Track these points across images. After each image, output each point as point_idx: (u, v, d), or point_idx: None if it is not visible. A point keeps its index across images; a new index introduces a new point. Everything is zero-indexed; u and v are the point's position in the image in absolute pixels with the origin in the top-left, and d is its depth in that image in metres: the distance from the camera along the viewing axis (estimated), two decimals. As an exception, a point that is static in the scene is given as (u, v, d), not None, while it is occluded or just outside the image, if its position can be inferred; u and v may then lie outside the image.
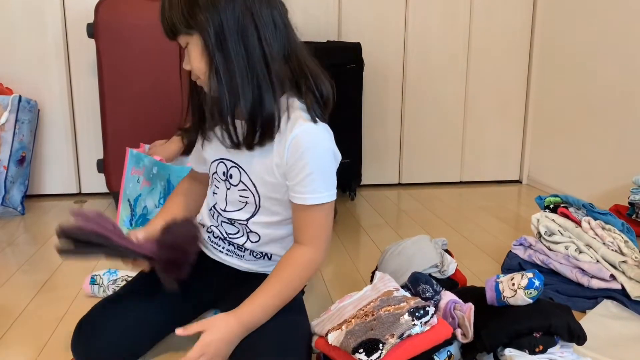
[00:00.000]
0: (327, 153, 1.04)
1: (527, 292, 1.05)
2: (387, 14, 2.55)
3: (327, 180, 1.04)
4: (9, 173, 2.16)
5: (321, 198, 1.03)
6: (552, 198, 1.69)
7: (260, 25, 0.99)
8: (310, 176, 1.02)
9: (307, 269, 1.07)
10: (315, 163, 1.02)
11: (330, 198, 1.05)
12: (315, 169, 1.02)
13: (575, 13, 2.42)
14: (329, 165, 1.05)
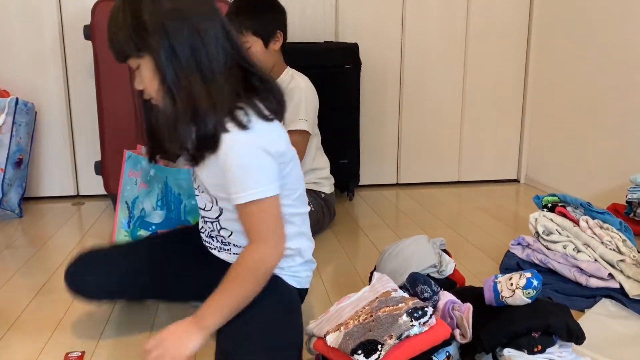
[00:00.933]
0: (250, 151, 1.03)
1: (526, 291, 1.05)
2: (384, 13, 2.55)
3: (256, 176, 1.04)
4: (6, 176, 2.16)
5: (252, 195, 1.03)
6: (550, 197, 1.69)
7: (206, 42, 1.02)
8: (237, 175, 1.03)
9: (257, 267, 1.06)
10: (238, 162, 1.03)
11: (263, 194, 1.03)
12: (239, 168, 1.03)
13: (572, 11, 2.43)
14: (256, 162, 1.04)
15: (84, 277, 1.24)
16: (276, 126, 1.11)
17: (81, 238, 1.98)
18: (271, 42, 1.85)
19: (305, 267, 1.22)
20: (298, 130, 1.85)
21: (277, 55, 1.90)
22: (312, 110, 1.90)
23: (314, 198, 1.95)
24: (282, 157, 1.08)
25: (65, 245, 1.89)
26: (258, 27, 1.81)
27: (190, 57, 1.00)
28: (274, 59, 1.89)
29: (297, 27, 2.47)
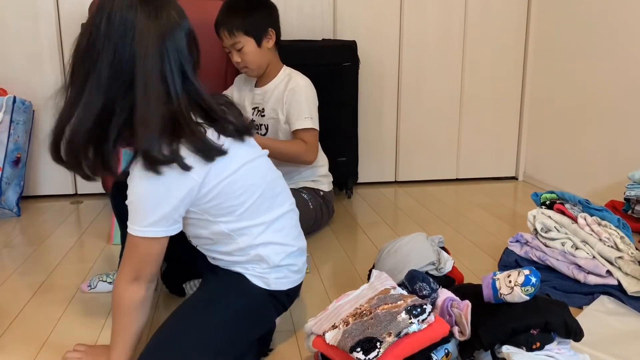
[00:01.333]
0: (142, 188, 1.00)
1: (524, 289, 1.05)
2: (382, 11, 2.55)
3: (139, 212, 1.01)
4: (4, 174, 2.15)
5: (130, 229, 1.02)
6: (548, 194, 1.69)
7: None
8: (130, 206, 1.03)
9: (117, 302, 1.07)
10: (133, 195, 1.01)
11: (136, 232, 1.02)
12: (132, 199, 1.02)
13: (569, 10, 2.43)
14: (145, 200, 1.01)
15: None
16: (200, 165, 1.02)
17: (79, 237, 1.97)
18: (264, 41, 1.84)
19: (275, 270, 1.16)
20: (306, 129, 1.85)
21: (272, 53, 1.90)
22: (314, 108, 1.90)
23: (313, 196, 1.95)
24: (190, 196, 1.03)
25: (63, 244, 1.89)
26: (248, 26, 1.81)
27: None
28: (268, 57, 1.88)
29: (295, 25, 2.46)
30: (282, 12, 2.43)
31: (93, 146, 1.01)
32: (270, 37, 1.86)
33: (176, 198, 1.01)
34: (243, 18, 1.80)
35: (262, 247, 1.14)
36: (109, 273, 1.53)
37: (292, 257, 1.19)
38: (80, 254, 1.82)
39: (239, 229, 1.12)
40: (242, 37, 1.80)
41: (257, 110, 1.95)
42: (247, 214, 1.11)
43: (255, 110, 1.95)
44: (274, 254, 1.15)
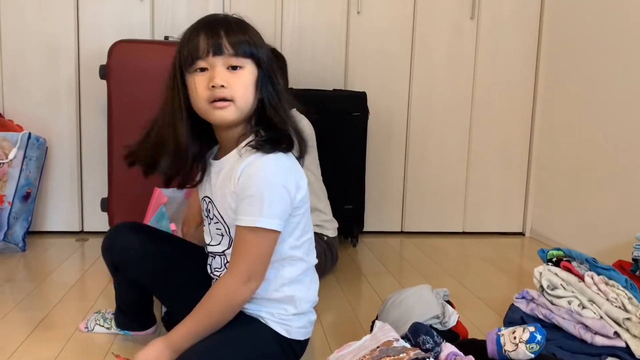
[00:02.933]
0: (273, 182, 1.06)
1: (529, 346, 1.03)
2: (392, 64, 2.61)
3: (265, 206, 1.05)
4: (12, 209, 2.17)
5: (253, 221, 1.05)
6: (555, 251, 1.68)
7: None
8: (250, 199, 1.06)
9: (223, 300, 1.09)
10: (258, 188, 1.05)
11: (264, 224, 1.05)
12: (256, 192, 1.05)
13: (578, 63, 2.47)
14: (272, 194, 1.06)
15: (128, 235, 1.29)
16: (296, 163, 1.13)
17: (82, 274, 1.97)
18: None
19: (298, 318, 1.18)
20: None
21: None
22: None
23: (316, 241, 1.93)
24: (299, 192, 1.10)
25: (66, 281, 1.88)
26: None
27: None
28: None
29: (307, 74, 2.52)
30: (296, 62, 2.52)
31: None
32: None
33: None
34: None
35: (300, 287, 1.17)
36: (105, 316, 1.50)
37: (312, 311, 1.23)
38: (82, 292, 1.81)
39: (294, 257, 1.15)
40: None
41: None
42: (304, 247, 1.17)
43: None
44: (304, 301, 1.17)
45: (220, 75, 1.07)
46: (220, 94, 1.07)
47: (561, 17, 2.60)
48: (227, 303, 1.09)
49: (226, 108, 1.08)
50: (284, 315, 1.16)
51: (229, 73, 1.07)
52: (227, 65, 1.08)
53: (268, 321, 1.16)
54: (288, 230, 1.12)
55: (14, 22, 2.34)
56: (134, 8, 2.40)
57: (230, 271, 1.09)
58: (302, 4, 2.52)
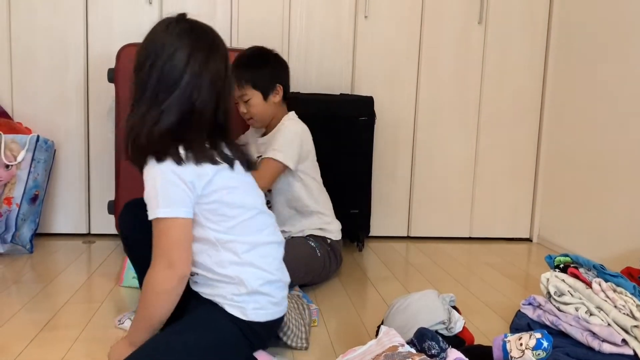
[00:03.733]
0: (163, 173, 1.13)
1: (535, 352, 1.02)
2: (399, 69, 2.61)
3: (160, 198, 1.12)
4: (20, 211, 2.18)
5: (155, 213, 1.12)
6: (562, 258, 1.67)
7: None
8: (146, 194, 1.14)
9: (151, 289, 1.15)
10: (150, 181, 1.13)
11: (163, 214, 1.11)
12: (149, 186, 1.13)
13: (586, 69, 2.46)
14: (163, 184, 1.12)
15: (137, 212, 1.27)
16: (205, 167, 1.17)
17: (89, 276, 1.98)
18: (270, 95, 1.91)
19: (252, 298, 1.20)
20: (267, 158, 1.87)
21: (278, 107, 1.95)
22: (288, 145, 1.89)
23: (320, 244, 1.94)
24: (201, 181, 1.14)
25: (73, 283, 1.89)
26: (257, 80, 1.88)
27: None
28: (273, 111, 1.94)
29: (314, 79, 2.53)
30: (303, 67, 2.52)
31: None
32: (277, 92, 1.92)
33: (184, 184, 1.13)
34: (252, 72, 1.87)
35: (243, 267, 1.19)
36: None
37: (272, 286, 1.23)
38: (89, 294, 1.81)
39: (225, 241, 1.18)
40: (250, 90, 1.88)
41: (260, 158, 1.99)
42: (235, 230, 1.19)
43: (259, 158, 1.99)
44: (254, 278, 1.20)
45: None
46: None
47: (569, 23, 2.59)
48: (153, 292, 1.14)
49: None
50: (236, 296, 1.18)
51: None
52: None
53: (224, 305, 1.19)
54: (205, 217, 1.17)
55: (25, 26, 2.36)
56: (142, 11, 2.41)
57: (151, 262, 1.15)
58: (310, 9, 2.53)
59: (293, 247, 1.86)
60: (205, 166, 1.15)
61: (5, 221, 2.16)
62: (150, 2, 2.40)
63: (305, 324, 1.49)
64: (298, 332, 1.45)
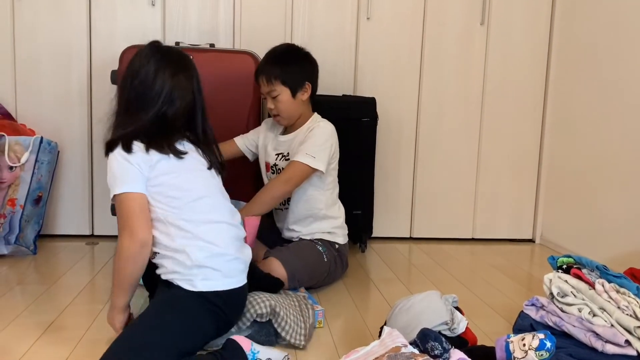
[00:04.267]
0: (115, 159, 1.35)
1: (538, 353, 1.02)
2: (402, 69, 2.61)
3: (117, 179, 1.34)
4: (24, 212, 2.19)
5: (112, 191, 1.35)
6: (565, 258, 1.67)
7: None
8: (108, 180, 1.37)
9: (119, 256, 1.34)
10: (108, 168, 1.36)
11: (118, 190, 1.33)
12: (109, 173, 1.36)
13: (589, 69, 2.46)
14: (117, 167, 1.34)
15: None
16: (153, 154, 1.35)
17: (92, 278, 1.98)
18: (299, 92, 1.91)
19: (200, 271, 1.31)
20: (295, 161, 1.87)
21: (305, 105, 1.96)
22: (320, 149, 1.90)
23: (328, 248, 1.94)
24: (146, 165, 1.33)
25: (76, 284, 1.89)
26: (286, 77, 1.88)
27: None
28: (301, 108, 1.95)
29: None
30: (305, 67, 2.50)
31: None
32: (306, 90, 1.93)
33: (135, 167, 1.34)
34: (282, 68, 1.88)
35: (189, 241, 1.32)
36: None
37: (218, 258, 1.33)
38: (92, 295, 1.82)
39: (172, 219, 1.33)
40: (279, 86, 1.88)
41: (282, 155, 1.99)
42: (182, 210, 1.34)
43: (280, 156, 1.99)
44: (198, 250, 1.32)
45: None
46: None
47: (572, 22, 2.59)
48: (121, 259, 1.33)
49: None
50: (185, 269, 1.31)
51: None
52: None
53: (175, 280, 1.32)
54: (154, 198, 1.34)
55: (28, 28, 2.36)
56: (145, 13, 2.42)
57: (118, 232, 1.34)
58: (312, 10, 2.53)
59: (301, 250, 1.87)
60: (152, 153, 1.33)
61: (9, 222, 2.17)
62: (152, 3, 2.41)
63: (305, 321, 1.49)
64: (297, 327, 1.45)
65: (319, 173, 1.91)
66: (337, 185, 2.06)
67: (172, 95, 1.37)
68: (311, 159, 1.87)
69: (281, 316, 1.43)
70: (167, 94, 1.37)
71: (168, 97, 1.37)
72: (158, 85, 1.36)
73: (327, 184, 1.98)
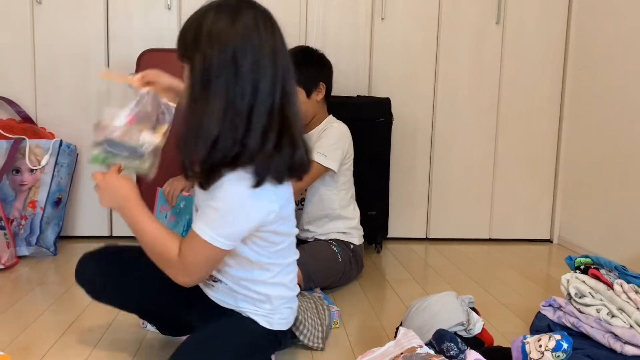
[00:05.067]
0: (239, 200, 1.05)
1: (555, 354, 1.02)
2: (417, 69, 2.61)
3: (219, 223, 1.05)
4: (45, 214, 2.23)
5: (204, 234, 1.06)
6: (583, 259, 1.65)
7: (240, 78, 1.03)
8: (214, 211, 1.06)
9: (161, 264, 1.14)
10: (221, 201, 1.05)
11: (213, 241, 1.05)
12: (220, 207, 1.05)
13: (606, 67, 2.43)
14: (232, 213, 1.06)
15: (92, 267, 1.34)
16: (280, 190, 1.10)
17: (111, 278, 2.01)
18: (313, 93, 1.93)
19: (278, 312, 1.23)
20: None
21: (319, 105, 1.98)
22: (333, 148, 1.92)
23: (342, 249, 1.95)
24: (264, 223, 1.10)
25: (95, 285, 1.92)
26: (300, 77, 1.88)
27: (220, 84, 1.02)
28: (315, 109, 1.96)
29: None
30: (320, 69, 2.51)
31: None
32: (320, 91, 1.95)
33: (256, 218, 1.08)
34: (297, 69, 1.87)
35: (273, 287, 1.20)
36: None
37: (292, 302, 1.27)
38: (111, 296, 1.84)
39: (264, 263, 1.17)
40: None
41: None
42: (276, 254, 1.18)
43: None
44: (279, 299, 1.21)
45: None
46: None
47: (589, 21, 2.56)
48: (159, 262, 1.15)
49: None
50: (262, 309, 1.21)
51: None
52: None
53: (249, 314, 1.20)
54: (253, 241, 1.14)
55: (48, 33, 2.40)
56: (161, 17, 2.45)
57: (180, 256, 1.10)
58: (326, 11, 2.54)
59: (316, 250, 1.88)
60: (280, 191, 1.09)
61: (30, 224, 2.21)
62: (169, 7, 2.44)
63: (322, 324, 1.49)
64: (315, 331, 1.46)
65: (331, 172, 1.92)
66: (352, 186, 2.06)
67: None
68: (323, 158, 1.88)
69: (299, 320, 1.43)
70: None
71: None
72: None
73: (340, 184, 1.99)
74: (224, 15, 1.04)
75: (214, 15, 1.04)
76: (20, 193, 2.23)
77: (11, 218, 2.20)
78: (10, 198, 2.21)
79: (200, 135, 1.03)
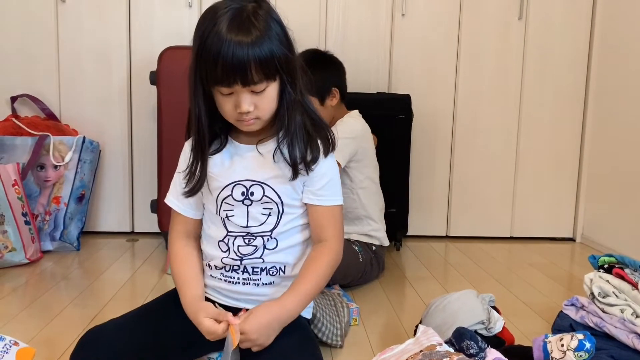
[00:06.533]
0: (336, 167, 1.25)
1: (577, 354, 1.00)
2: (438, 66, 2.59)
3: (339, 186, 1.25)
4: (68, 210, 2.27)
5: (339, 200, 1.23)
6: (607, 258, 1.62)
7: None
8: (330, 182, 1.21)
9: (333, 262, 1.20)
10: (332, 172, 1.22)
11: (341, 201, 1.25)
12: (332, 176, 1.22)
13: (632, 64, 2.39)
14: (338, 175, 1.25)
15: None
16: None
17: (133, 273, 2.04)
18: (327, 99, 1.91)
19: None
20: None
21: (335, 109, 1.95)
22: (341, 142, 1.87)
23: (364, 249, 1.93)
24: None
25: (118, 279, 1.95)
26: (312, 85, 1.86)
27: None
28: (331, 113, 1.93)
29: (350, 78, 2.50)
30: (339, 65, 2.51)
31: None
32: (334, 96, 1.92)
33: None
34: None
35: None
36: None
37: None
38: (133, 290, 1.87)
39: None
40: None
41: None
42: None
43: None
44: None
45: (247, 101, 1.10)
46: (247, 117, 1.12)
47: (614, 16, 2.51)
48: (332, 267, 1.20)
49: (253, 124, 1.15)
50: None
51: (255, 96, 1.11)
52: (252, 90, 1.10)
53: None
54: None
55: (71, 32, 2.44)
56: (182, 15, 2.47)
57: (330, 242, 1.20)
58: (346, 8, 2.53)
59: None
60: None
61: (54, 219, 2.25)
62: (190, 5, 2.45)
63: (341, 321, 1.49)
64: (333, 328, 1.46)
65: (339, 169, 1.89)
66: (372, 185, 2.01)
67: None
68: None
69: (317, 317, 1.44)
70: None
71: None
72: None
73: (356, 182, 1.94)
74: (277, 23, 1.24)
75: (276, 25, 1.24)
76: (45, 189, 2.27)
77: (36, 213, 2.24)
78: (35, 194, 2.26)
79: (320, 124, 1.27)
